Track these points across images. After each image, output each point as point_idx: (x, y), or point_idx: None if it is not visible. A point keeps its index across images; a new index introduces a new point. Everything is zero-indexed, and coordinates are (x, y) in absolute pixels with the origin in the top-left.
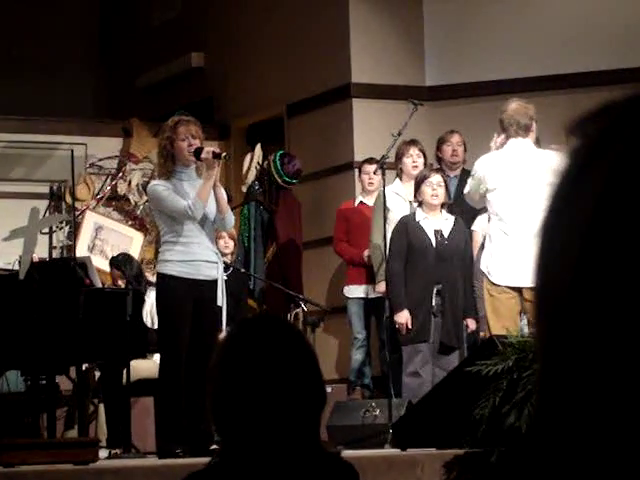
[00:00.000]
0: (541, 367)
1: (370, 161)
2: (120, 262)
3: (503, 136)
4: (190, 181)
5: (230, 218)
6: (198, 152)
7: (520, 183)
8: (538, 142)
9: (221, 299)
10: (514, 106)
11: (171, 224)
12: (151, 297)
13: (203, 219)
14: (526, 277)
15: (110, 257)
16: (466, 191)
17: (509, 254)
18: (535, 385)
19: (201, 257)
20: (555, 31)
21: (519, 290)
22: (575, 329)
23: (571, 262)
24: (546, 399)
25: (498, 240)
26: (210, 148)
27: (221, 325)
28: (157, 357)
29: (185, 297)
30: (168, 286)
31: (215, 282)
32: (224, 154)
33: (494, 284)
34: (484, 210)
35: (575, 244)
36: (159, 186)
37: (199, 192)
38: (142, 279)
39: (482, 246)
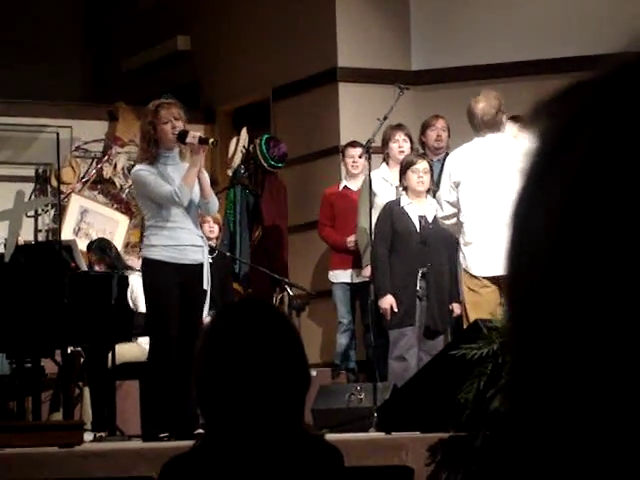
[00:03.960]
0: (513, 358)
1: (353, 144)
2: (96, 249)
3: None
4: (174, 165)
5: (214, 203)
6: (183, 135)
7: (491, 175)
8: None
9: (206, 283)
10: (481, 106)
11: (156, 209)
12: (131, 281)
13: (188, 204)
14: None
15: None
16: (441, 215)
17: (485, 246)
18: (507, 379)
19: (187, 242)
20: (541, 16)
21: (498, 283)
22: (548, 317)
23: (544, 249)
24: (518, 393)
25: (472, 235)
26: (196, 133)
27: (204, 309)
28: (141, 340)
29: (172, 281)
30: (155, 271)
31: (201, 266)
32: (212, 140)
33: (475, 277)
34: None
35: (548, 230)
36: (143, 171)
37: (185, 177)
38: (119, 263)
39: None
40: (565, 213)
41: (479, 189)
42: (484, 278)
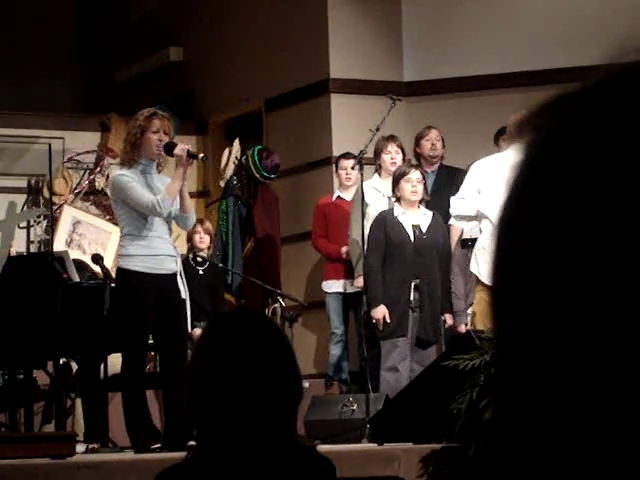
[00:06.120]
0: (499, 369)
1: (346, 156)
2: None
3: None
4: (151, 174)
5: (192, 218)
6: (170, 147)
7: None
8: None
9: (184, 292)
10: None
11: (134, 216)
12: None
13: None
14: None
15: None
16: (458, 213)
17: None
18: (494, 391)
19: (163, 251)
20: (534, 27)
21: None
22: (533, 327)
23: (529, 259)
24: (505, 405)
25: (489, 243)
26: (185, 146)
27: (187, 318)
28: None
29: (149, 292)
30: (133, 281)
31: (175, 275)
32: (201, 155)
33: (486, 286)
34: None
35: (533, 241)
36: (125, 177)
37: (168, 189)
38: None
39: (460, 242)
40: (549, 224)
41: (500, 199)
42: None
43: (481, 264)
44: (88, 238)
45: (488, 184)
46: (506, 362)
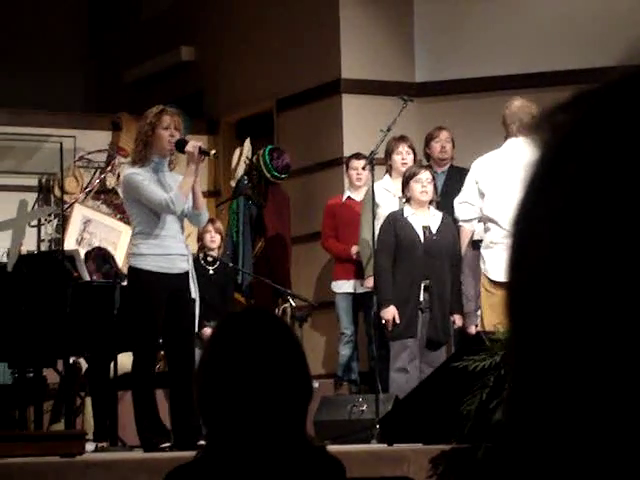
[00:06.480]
0: (513, 370)
1: (357, 156)
2: (95, 259)
3: None
4: (163, 172)
5: (205, 216)
6: (181, 144)
7: (517, 181)
8: None
9: (195, 291)
10: (518, 104)
11: (146, 215)
12: None
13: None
14: None
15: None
16: (464, 217)
17: (505, 252)
18: (507, 392)
19: (176, 250)
20: (545, 28)
21: None
22: (548, 327)
23: (545, 259)
24: (518, 405)
25: (495, 239)
26: (197, 143)
27: (195, 318)
28: None
29: (161, 292)
30: (144, 281)
31: (187, 274)
32: (213, 152)
33: (493, 281)
34: None
35: (549, 240)
36: (138, 175)
37: (181, 186)
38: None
39: (471, 243)
40: (565, 223)
41: (505, 194)
42: (501, 283)
43: (487, 261)
44: (99, 237)
45: (490, 183)
46: (520, 361)
